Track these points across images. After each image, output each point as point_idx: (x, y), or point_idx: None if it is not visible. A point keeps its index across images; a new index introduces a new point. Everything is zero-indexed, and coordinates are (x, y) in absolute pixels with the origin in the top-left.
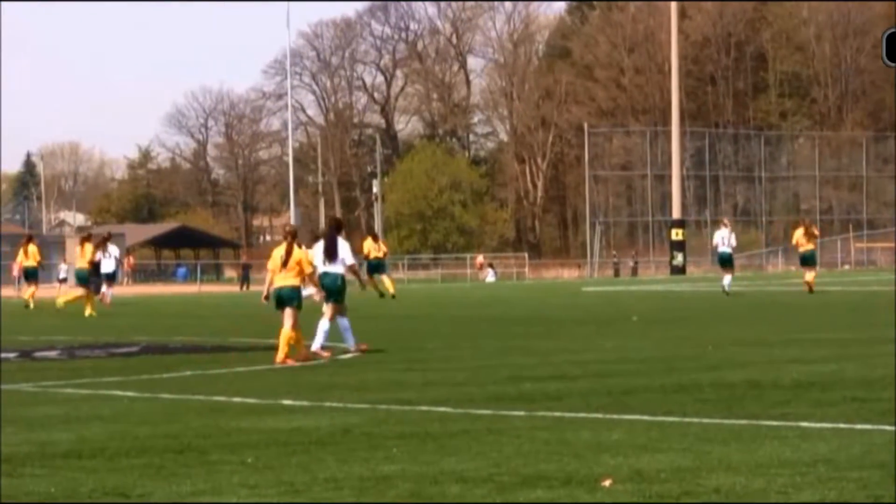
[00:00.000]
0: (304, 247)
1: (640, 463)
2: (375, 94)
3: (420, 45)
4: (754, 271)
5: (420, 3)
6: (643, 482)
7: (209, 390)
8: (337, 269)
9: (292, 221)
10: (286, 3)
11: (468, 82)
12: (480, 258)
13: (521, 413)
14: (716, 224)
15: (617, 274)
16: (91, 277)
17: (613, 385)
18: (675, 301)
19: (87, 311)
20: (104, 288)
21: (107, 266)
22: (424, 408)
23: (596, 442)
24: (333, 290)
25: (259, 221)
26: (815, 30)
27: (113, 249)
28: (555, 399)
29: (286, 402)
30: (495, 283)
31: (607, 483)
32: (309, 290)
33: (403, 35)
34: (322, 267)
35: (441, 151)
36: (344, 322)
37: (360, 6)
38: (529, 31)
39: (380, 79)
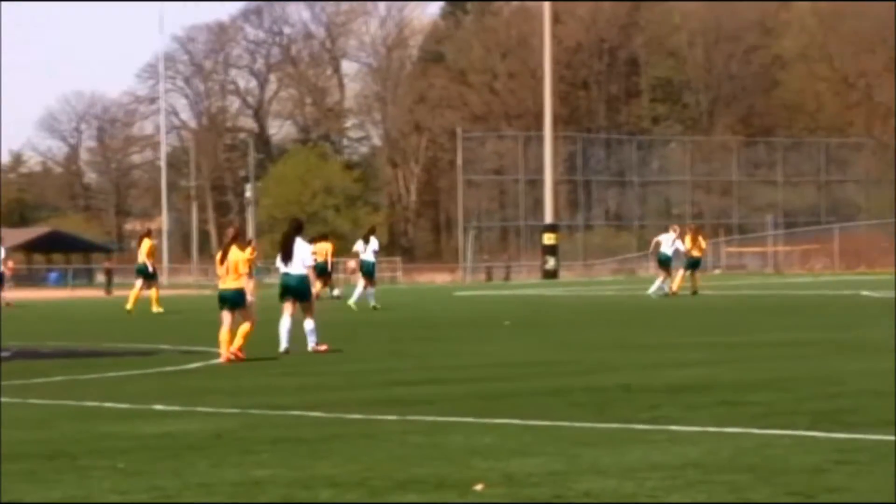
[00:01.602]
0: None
1: (512, 467)
2: (248, 99)
3: (294, 50)
4: (627, 275)
5: (294, 4)
6: (515, 486)
7: (81, 395)
8: (297, 269)
9: (164, 226)
10: (159, 6)
11: (342, 86)
12: (352, 263)
13: (394, 417)
14: (588, 228)
15: (489, 278)
16: None
17: (486, 389)
18: (547, 305)
19: None
20: None
21: None
22: (297, 412)
23: (468, 446)
24: (301, 291)
25: (132, 226)
26: (688, 36)
27: None
28: (427, 403)
29: (158, 406)
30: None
31: (479, 487)
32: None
33: (277, 39)
34: (282, 268)
35: (314, 156)
36: (309, 324)
37: (234, 10)
38: (403, 36)
39: (253, 83)
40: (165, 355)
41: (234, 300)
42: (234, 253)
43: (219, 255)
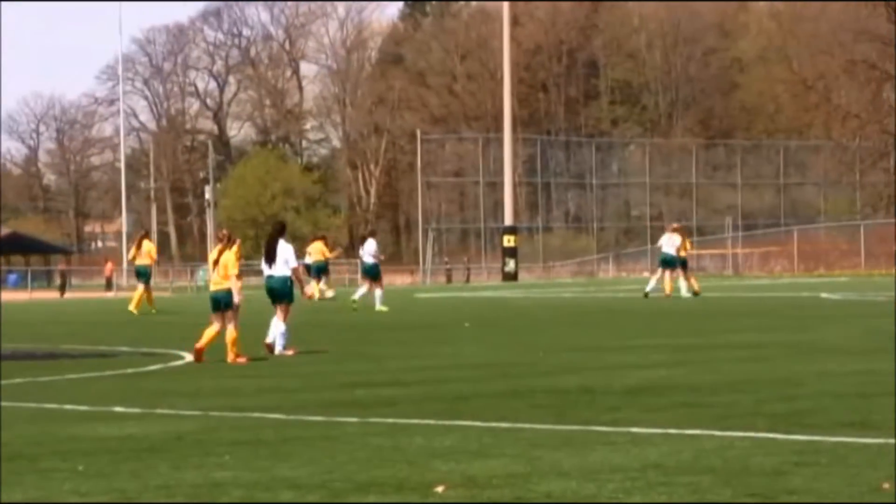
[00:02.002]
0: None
1: (473, 469)
2: (208, 100)
3: (253, 51)
4: (586, 277)
5: (253, 6)
6: (475, 488)
7: (40, 397)
8: (280, 271)
9: (123, 228)
10: (118, 7)
11: (301, 88)
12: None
13: (355, 419)
14: (548, 230)
15: (449, 280)
16: None
17: (447, 391)
18: (507, 307)
19: None
20: None
21: None
22: (257, 414)
23: (429, 448)
24: (283, 292)
25: (91, 227)
26: (646, 38)
27: None
28: (388, 405)
29: (118, 409)
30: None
31: (440, 489)
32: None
33: (236, 41)
34: (266, 270)
35: (274, 157)
36: (280, 326)
37: (193, 11)
38: (362, 38)
39: (212, 84)
40: (125, 357)
41: (225, 301)
42: (225, 255)
43: (212, 259)
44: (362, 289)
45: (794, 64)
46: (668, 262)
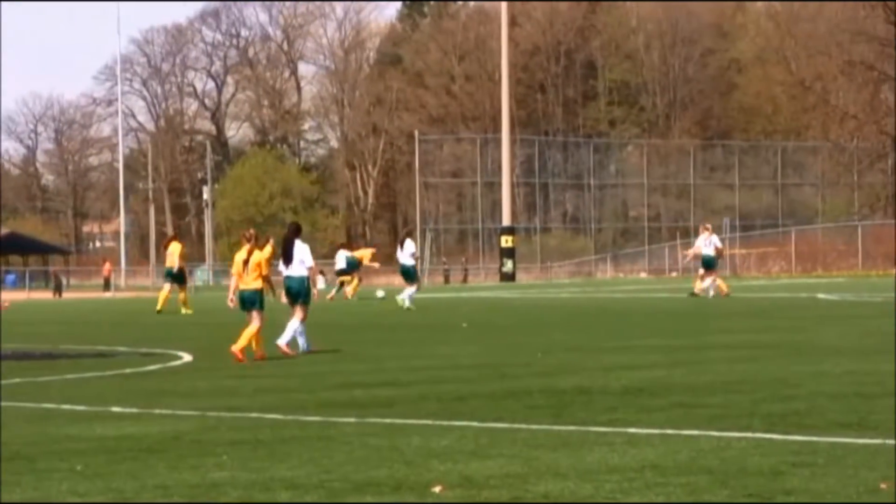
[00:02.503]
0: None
1: (470, 469)
2: (206, 101)
3: (251, 52)
4: (584, 278)
5: (251, 6)
6: (473, 488)
7: (38, 397)
8: (297, 271)
9: (122, 228)
10: (117, 8)
11: (299, 89)
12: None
13: (352, 420)
14: (546, 231)
15: (447, 281)
16: None
17: (444, 391)
18: (504, 308)
19: None
20: None
21: None
22: (255, 415)
23: (426, 448)
24: (301, 292)
25: (89, 228)
26: (644, 39)
27: None
28: (385, 405)
29: (115, 409)
30: (326, 290)
31: (437, 489)
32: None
33: (234, 41)
34: (284, 271)
35: (272, 158)
36: (299, 326)
37: (192, 12)
38: (360, 38)
39: (210, 85)
40: (123, 357)
41: (253, 300)
42: (256, 254)
43: (239, 258)
44: (410, 290)
45: (791, 65)
46: (708, 264)
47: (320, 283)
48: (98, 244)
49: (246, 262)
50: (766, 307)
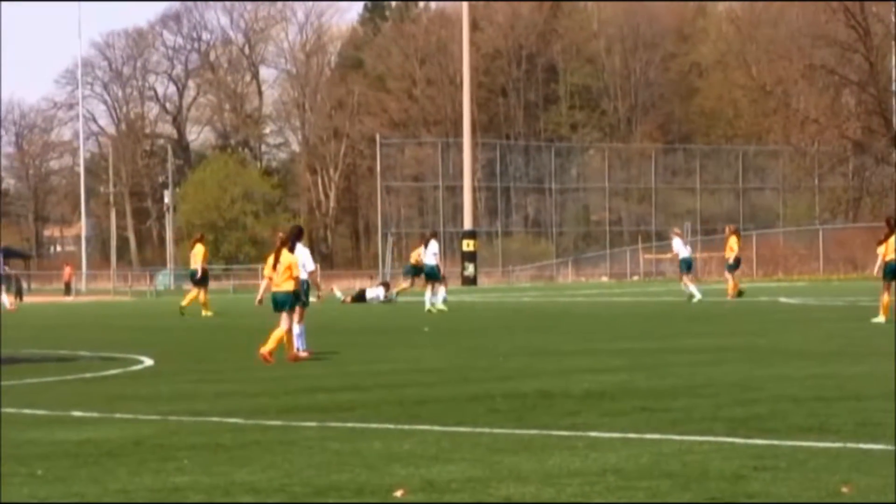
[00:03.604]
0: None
1: (432, 473)
2: (167, 105)
3: (212, 56)
4: (545, 281)
5: (213, 9)
6: (434, 492)
7: None
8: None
9: (83, 232)
10: (78, 10)
11: (260, 93)
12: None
13: (314, 424)
14: (507, 235)
15: (411, 285)
16: None
17: (406, 395)
18: (466, 312)
19: None
20: None
21: None
22: (216, 419)
23: (388, 452)
24: (299, 294)
25: (50, 232)
26: (605, 42)
27: None
28: (347, 410)
29: (76, 413)
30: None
31: (399, 494)
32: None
33: (196, 45)
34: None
35: (233, 162)
36: (297, 328)
37: (153, 15)
38: (322, 42)
39: (172, 89)
40: (84, 362)
41: (286, 302)
42: (286, 256)
43: (270, 260)
44: (442, 292)
45: (752, 69)
46: (688, 266)
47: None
48: (59, 248)
49: (276, 264)
50: (727, 311)
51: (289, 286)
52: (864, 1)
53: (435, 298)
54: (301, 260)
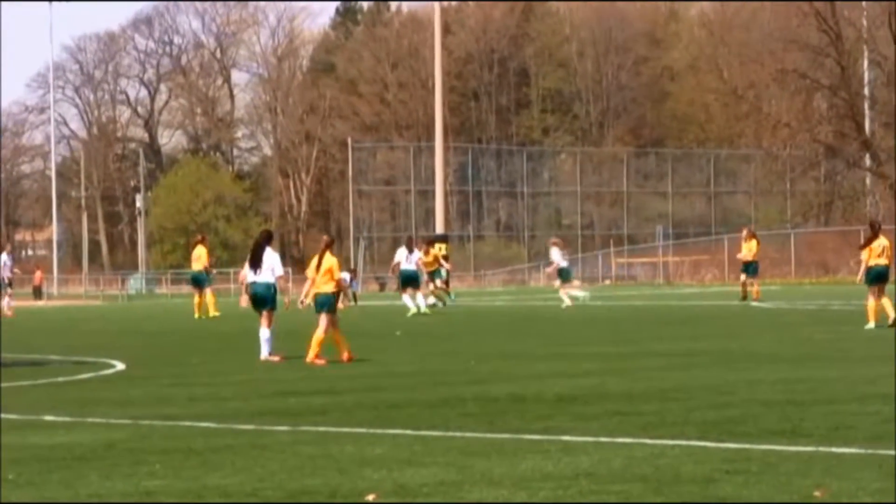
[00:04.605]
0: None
1: (404, 477)
2: (139, 108)
3: (184, 60)
4: (517, 286)
5: (185, 13)
6: (407, 496)
7: None
8: (265, 278)
9: (54, 236)
10: (49, 14)
11: (232, 97)
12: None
13: (286, 428)
14: (479, 239)
15: (382, 289)
16: None
17: (378, 399)
18: (439, 315)
19: None
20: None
21: None
22: (188, 423)
23: (360, 456)
24: (266, 298)
25: (21, 236)
26: (578, 46)
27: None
28: (319, 414)
29: (48, 417)
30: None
31: (371, 497)
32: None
33: (167, 49)
34: (250, 276)
35: (205, 166)
36: (265, 332)
37: (124, 19)
38: (294, 46)
39: (143, 93)
40: (56, 366)
41: (326, 303)
42: (328, 259)
43: (314, 262)
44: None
45: (724, 73)
46: (566, 275)
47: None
48: (30, 252)
49: (319, 266)
50: (699, 315)
51: (329, 288)
52: (835, 1)
53: (420, 301)
54: (271, 264)
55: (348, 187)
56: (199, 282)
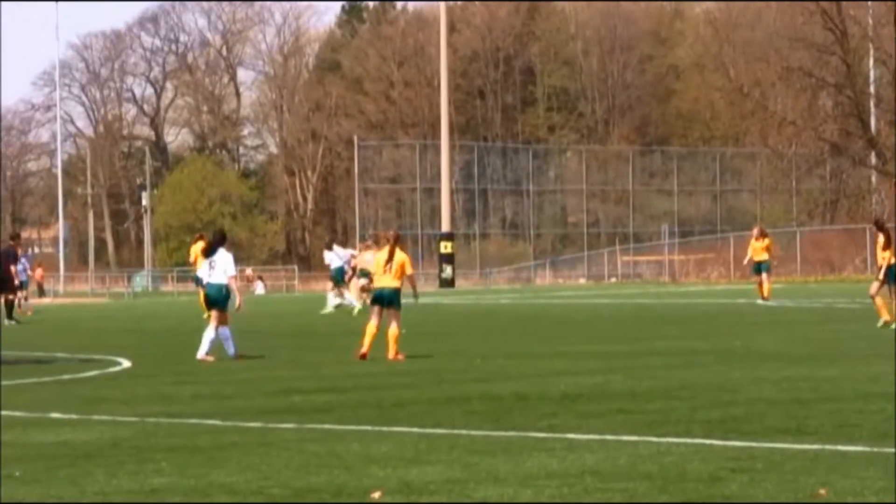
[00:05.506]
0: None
1: (410, 475)
2: (145, 106)
3: (190, 57)
4: (523, 284)
5: (191, 11)
6: (412, 494)
7: None
8: (217, 279)
9: (60, 234)
10: (55, 12)
11: (238, 94)
12: (249, 271)
13: (291, 426)
14: (485, 237)
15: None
16: None
17: (383, 397)
18: (443, 314)
19: None
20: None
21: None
22: (194, 421)
23: (365, 454)
24: (218, 299)
25: (27, 233)
26: (583, 45)
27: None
28: (324, 411)
29: (54, 415)
30: (265, 296)
31: (377, 495)
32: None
33: (173, 47)
34: (205, 277)
35: (211, 164)
36: (225, 331)
37: (130, 17)
38: (299, 44)
39: (149, 91)
40: (62, 364)
41: (390, 298)
42: (399, 254)
43: (384, 257)
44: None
45: (730, 71)
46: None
47: (259, 288)
48: (37, 250)
49: (388, 261)
50: (704, 313)
51: (395, 284)
52: (841, 1)
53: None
54: (223, 265)
55: (354, 185)
56: (201, 281)
